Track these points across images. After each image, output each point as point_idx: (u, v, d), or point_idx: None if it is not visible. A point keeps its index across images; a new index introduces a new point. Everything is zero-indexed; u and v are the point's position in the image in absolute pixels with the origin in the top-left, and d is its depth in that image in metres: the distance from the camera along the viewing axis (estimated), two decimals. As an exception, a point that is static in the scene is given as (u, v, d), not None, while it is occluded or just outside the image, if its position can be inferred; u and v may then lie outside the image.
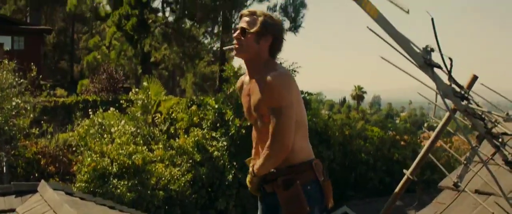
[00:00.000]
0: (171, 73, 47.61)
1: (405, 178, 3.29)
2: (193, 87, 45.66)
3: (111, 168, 10.82)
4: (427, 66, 2.50)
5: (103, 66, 29.21)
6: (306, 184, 2.49)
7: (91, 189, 10.33)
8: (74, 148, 14.45)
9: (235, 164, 12.84)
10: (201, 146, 13.15)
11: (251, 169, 2.68)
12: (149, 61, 37.17)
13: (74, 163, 13.72)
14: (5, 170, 12.66)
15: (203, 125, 13.97)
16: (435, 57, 2.53)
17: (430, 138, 3.37)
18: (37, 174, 13.55)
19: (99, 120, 14.06)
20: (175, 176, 11.87)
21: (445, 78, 2.60)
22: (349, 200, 14.79)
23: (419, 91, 3.28)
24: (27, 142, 14.57)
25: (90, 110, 15.45)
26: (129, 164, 10.92)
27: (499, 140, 2.77)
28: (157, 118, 15.94)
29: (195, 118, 14.60)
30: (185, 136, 13.67)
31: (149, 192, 10.81)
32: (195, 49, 35.95)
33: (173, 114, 16.05)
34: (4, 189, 5.01)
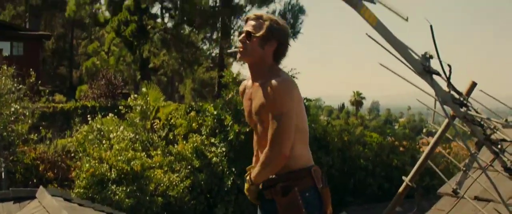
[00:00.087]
0: (170, 79, 47.67)
1: (404, 184, 3.28)
2: (192, 93, 45.67)
3: (109, 174, 10.78)
4: (426, 73, 2.50)
5: (102, 72, 29.24)
6: (304, 190, 2.48)
7: (90, 195, 10.29)
8: (72, 154, 14.41)
9: (234, 170, 12.81)
10: (199, 152, 13.12)
11: (248, 177, 2.66)
12: (148, 67, 37.25)
13: (72, 169, 13.69)
14: (3, 176, 12.62)
15: (202, 131, 13.96)
16: (434, 64, 2.53)
17: (428, 143, 3.37)
18: (35, 180, 13.52)
19: (98, 125, 14.05)
20: (174, 182, 11.84)
21: (444, 85, 2.60)
22: (348, 206, 14.76)
23: (418, 98, 3.27)
24: (26, 147, 14.54)
25: (88, 116, 15.48)
26: (128, 170, 10.88)
27: (498, 146, 2.77)
28: (156, 123, 15.93)
29: (194, 124, 14.57)
30: (184, 142, 13.64)
31: (147, 198, 10.78)
32: (194, 55, 35.99)
33: (172, 120, 16.03)
34: (2, 195, 5.01)
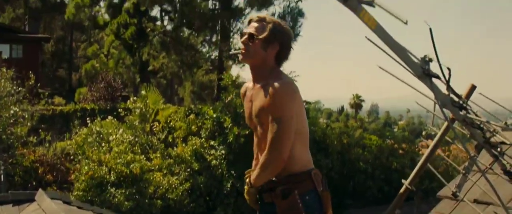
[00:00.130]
0: (169, 81, 47.69)
1: (403, 188, 3.28)
2: (191, 96, 45.63)
3: (109, 176, 10.77)
4: (426, 76, 2.49)
5: (102, 74, 29.21)
6: (304, 193, 2.47)
7: (89, 198, 10.27)
8: (72, 157, 14.39)
9: (233, 172, 12.81)
10: (199, 154, 13.12)
11: (247, 180, 2.65)
12: (147, 69, 37.26)
13: (72, 172, 13.66)
14: (2, 179, 12.59)
15: (201, 134, 13.96)
16: (433, 67, 2.53)
17: (428, 146, 3.37)
18: (34, 183, 13.47)
19: (97, 128, 14.03)
20: (173, 185, 11.83)
21: (443, 88, 2.59)
22: (347, 208, 14.76)
23: (418, 101, 3.28)
24: (25, 150, 14.50)
25: (88, 118, 15.44)
26: (127, 172, 10.87)
27: (498, 149, 2.76)
28: (155, 126, 15.91)
29: (193, 127, 14.57)
30: (183, 145, 13.64)
31: (147, 201, 10.76)
32: (193, 58, 35.97)
33: (171, 123, 16.03)
34: (1, 198, 4.99)
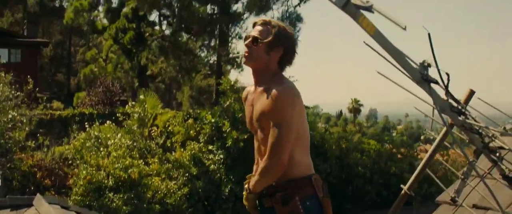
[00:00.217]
0: (167, 86, 47.63)
1: (402, 193, 3.28)
2: (189, 101, 45.57)
3: (107, 181, 10.75)
4: (424, 81, 2.50)
5: (100, 79, 29.16)
6: (305, 199, 2.45)
7: (87, 203, 10.25)
8: (70, 161, 14.37)
9: (231, 177, 12.80)
10: (197, 159, 13.11)
11: (246, 186, 2.63)
12: (145, 74, 37.26)
13: (70, 176, 13.63)
14: (0, 183, 12.56)
15: (199, 138, 13.95)
16: (432, 72, 2.53)
17: (426, 151, 3.37)
18: (32, 187, 13.43)
19: (96, 133, 14.01)
20: (172, 190, 11.81)
21: (442, 93, 2.60)
22: (346, 213, 14.75)
23: (416, 106, 3.28)
24: (23, 155, 14.47)
25: (86, 123, 15.44)
26: (125, 177, 10.85)
27: (496, 154, 2.77)
28: (153, 131, 15.89)
29: (192, 131, 14.56)
30: (182, 149, 13.63)
31: (145, 205, 10.74)
32: (191, 63, 35.94)
33: (170, 127, 16.02)
34: (-1, 203, 4.98)
